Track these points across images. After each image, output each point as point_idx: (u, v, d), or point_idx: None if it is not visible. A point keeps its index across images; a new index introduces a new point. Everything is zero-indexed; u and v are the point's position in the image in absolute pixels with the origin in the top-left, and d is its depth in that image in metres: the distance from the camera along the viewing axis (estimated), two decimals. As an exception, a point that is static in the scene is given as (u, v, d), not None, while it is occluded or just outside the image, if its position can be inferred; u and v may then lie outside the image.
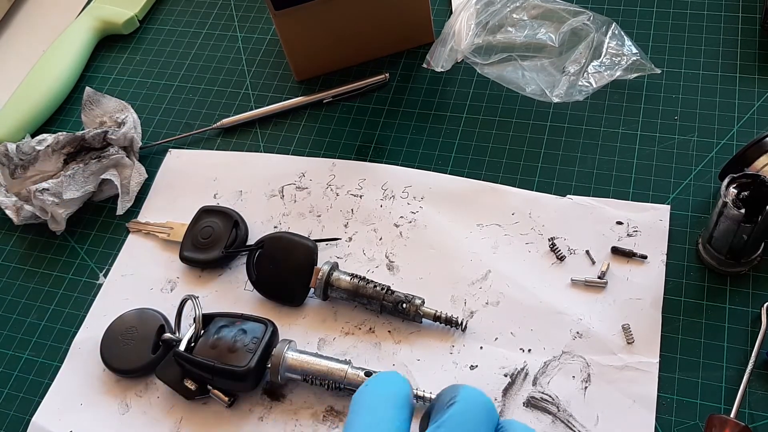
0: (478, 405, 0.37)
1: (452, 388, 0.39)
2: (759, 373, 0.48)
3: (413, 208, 0.59)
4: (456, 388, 0.38)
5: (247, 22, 0.75)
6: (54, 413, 0.54)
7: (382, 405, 0.38)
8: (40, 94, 0.71)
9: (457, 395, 0.38)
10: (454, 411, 0.37)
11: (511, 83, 0.61)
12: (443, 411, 0.37)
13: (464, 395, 0.37)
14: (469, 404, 0.37)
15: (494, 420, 0.37)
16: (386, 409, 0.38)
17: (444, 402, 0.38)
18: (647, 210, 0.55)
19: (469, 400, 0.37)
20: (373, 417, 0.38)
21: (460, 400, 0.37)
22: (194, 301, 0.53)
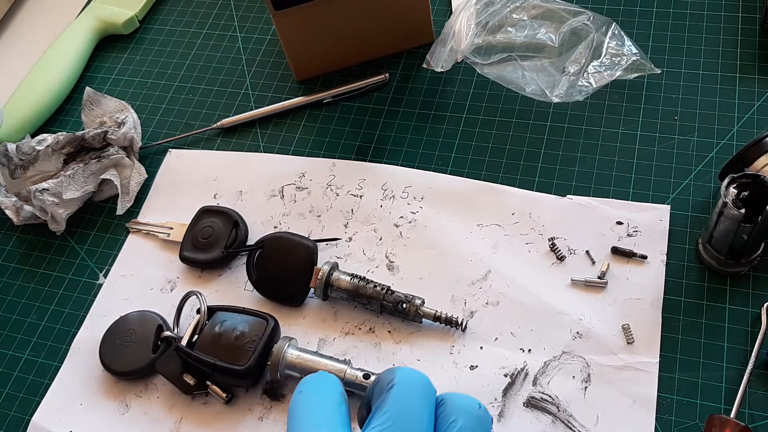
0: (417, 383, 0.39)
1: (388, 372, 0.40)
2: (759, 373, 0.48)
3: (413, 208, 0.59)
4: (392, 372, 0.40)
5: (247, 22, 0.75)
6: (54, 413, 0.54)
7: (319, 407, 0.39)
8: (40, 94, 0.71)
9: (394, 378, 0.39)
10: (394, 393, 0.38)
11: (511, 83, 0.61)
12: (384, 395, 0.38)
13: (401, 377, 0.39)
14: (408, 384, 0.39)
15: (432, 395, 0.39)
16: (324, 410, 0.39)
17: (383, 387, 0.39)
18: (647, 210, 0.55)
19: (407, 380, 0.39)
20: (313, 419, 0.39)
21: (399, 382, 0.39)
22: (199, 296, 0.54)
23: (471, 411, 0.39)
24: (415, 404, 0.38)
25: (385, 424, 0.37)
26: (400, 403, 0.38)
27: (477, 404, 0.39)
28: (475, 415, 0.39)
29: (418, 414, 0.38)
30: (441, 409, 0.39)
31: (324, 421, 0.39)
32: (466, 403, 0.39)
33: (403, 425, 0.37)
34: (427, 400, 0.38)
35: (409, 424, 0.37)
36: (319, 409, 0.39)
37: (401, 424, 0.37)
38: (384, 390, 0.39)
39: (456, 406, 0.39)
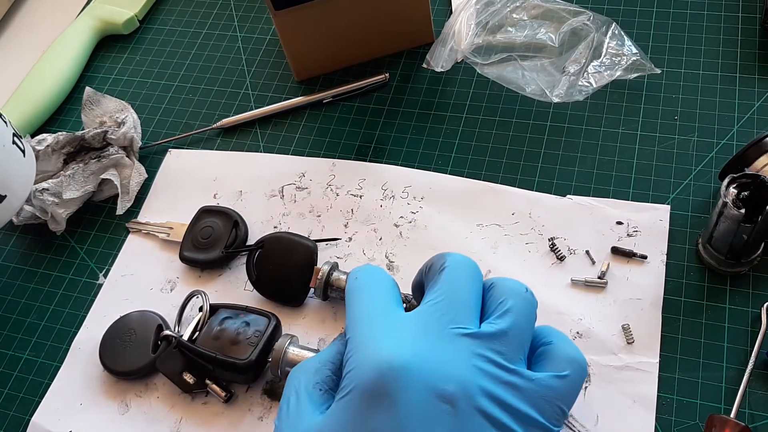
0: (467, 266, 0.43)
1: (439, 257, 0.44)
2: (759, 373, 0.48)
3: (413, 208, 0.59)
4: (443, 256, 0.43)
5: (247, 22, 0.75)
6: (54, 413, 0.54)
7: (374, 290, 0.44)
8: (40, 94, 0.71)
9: (445, 261, 0.43)
10: (446, 273, 0.42)
11: (511, 83, 0.61)
12: (437, 276, 0.42)
13: (452, 260, 0.43)
14: (459, 267, 0.42)
15: (480, 277, 0.43)
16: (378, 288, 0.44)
17: (436, 269, 0.43)
18: (647, 210, 0.55)
19: (457, 263, 0.42)
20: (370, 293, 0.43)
21: (450, 264, 0.42)
22: (202, 296, 0.54)
23: (519, 293, 0.42)
24: (464, 283, 0.41)
25: (438, 298, 0.40)
26: (451, 282, 0.41)
27: (524, 288, 0.42)
28: (523, 297, 0.41)
29: (467, 292, 0.41)
30: (491, 291, 0.42)
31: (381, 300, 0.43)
32: (514, 286, 0.42)
33: (454, 300, 0.40)
34: (475, 281, 0.42)
35: (459, 299, 0.40)
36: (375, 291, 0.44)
37: (452, 299, 0.40)
38: (437, 271, 0.42)
39: (505, 288, 0.42)
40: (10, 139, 0.56)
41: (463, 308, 0.40)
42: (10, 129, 0.57)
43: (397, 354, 0.38)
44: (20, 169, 0.57)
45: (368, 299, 0.43)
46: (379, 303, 0.43)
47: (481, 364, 0.38)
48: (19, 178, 0.57)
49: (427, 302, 0.41)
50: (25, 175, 0.58)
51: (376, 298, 0.43)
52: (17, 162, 0.57)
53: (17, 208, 0.58)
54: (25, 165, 0.58)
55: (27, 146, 0.59)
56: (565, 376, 0.40)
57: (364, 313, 0.42)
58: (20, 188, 0.58)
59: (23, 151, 0.58)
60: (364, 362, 0.38)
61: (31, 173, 0.59)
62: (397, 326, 0.40)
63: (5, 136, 0.56)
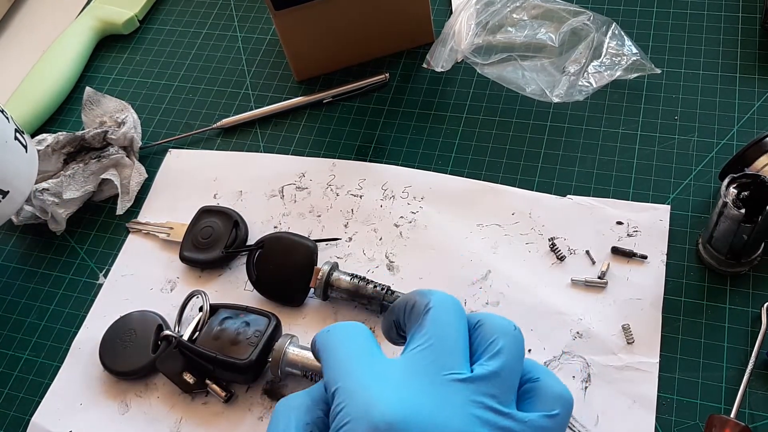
0: (452, 305, 0.41)
1: (420, 296, 0.42)
2: (759, 373, 0.48)
3: (413, 208, 0.59)
4: (425, 295, 0.41)
5: (247, 22, 0.75)
6: (54, 413, 0.54)
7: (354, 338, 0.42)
8: (40, 94, 0.71)
9: (429, 301, 0.41)
10: (432, 315, 0.40)
11: (511, 83, 0.61)
12: (421, 319, 0.41)
13: (436, 300, 0.41)
14: (444, 306, 0.41)
15: (465, 316, 0.41)
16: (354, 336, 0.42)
17: (419, 311, 0.41)
18: (647, 210, 0.55)
19: (442, 302, 0.41)
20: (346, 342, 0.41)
21: (434, 305, 0.41)
22: (202, 296, 0.54)
23: (508, 332, 0.40)
24: (452, 325, 0.40)
25: (426, 343, 0.39)
26: (438, 324, 0.40)
27: (512, 325, 0.41)
28: (512, 336, 0.40)
29: (456, 334, 0.40)
30: (479, 330, 0.41)
31: (363, 347, 0.41)
32: (503, 324, 0.41)
33: (444, 344, 0.39)
34: (461, 320, 0.41)
35: (448, 343, 0.39)
36: (354, 338, 0.42)
37: (442, 343, 0.39)
38: (421, 313, 0.41)
39: (494, 327, 0.40)
40: (12, 135, 0.56)
41: (453, 352, 0.39)
42: (12, 125, 0.57)
43: (394, 409, 0.36)
44: (22, 165, 0.57)
45: (349, 347, 0.41)
46: (361, 350, 0.41)
47: (476, 412, 0.37)
48: (22, 174, 0.57)
49: (414, 348, 0.40)
50: (28, 172, 0.58)
51: (357, 345, 0.41)
52: (19, 158, 0.57)
53: (20, 204, 0.58)
54: (28, 161, 0.58)
55: (29, 142, 0.59)
56: (555, 415, 0.39)
57: (348, 361, 0.40)
58: (23, 184, 0.58)
59: (25, 147, 0.58)
60: (360, 418, 0.37)
61: (34, 169, 0.59)
62: (387, 375, 0.39)
63: (7, 132, 0.56)
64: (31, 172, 0.59)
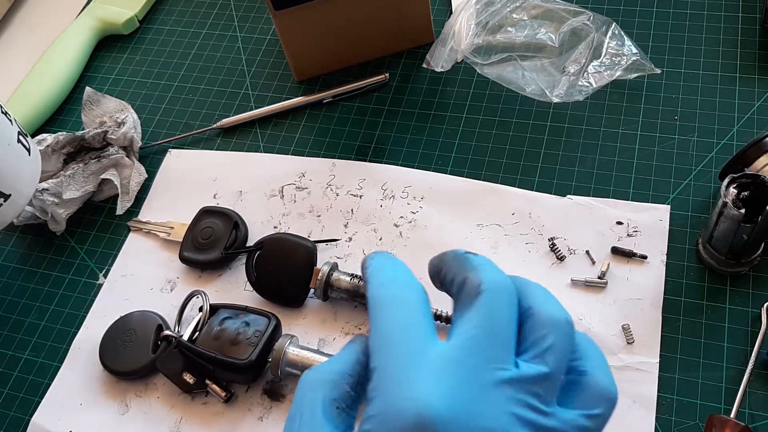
0: (506, 292, 0.37)
1: (472, 270, 0.38)
2: (759, 373, 0.48)
3: (413, 208, 0.59)
4: (477, 271, 0.37)
5: (247, 22, 0.75)
6: (54, 413, 0.54)
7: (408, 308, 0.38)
8: (40, 94, 0.71)
9: (482, 283, 0.37)
10: (484, 302, 0.36)
11: (511, 83, 0.61)
12: (472, 301, 0.37)
13: (490, 283, 0.37)
14: (499, 293, 0.37)
15: (517, 302, 0.37)
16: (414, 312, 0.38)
17: (470, 290, 0.37)
18: (647, 210, 0.55)
19: (496, 287, 0.37)
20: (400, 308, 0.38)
21: (488, 289, 0.37)
22: (202, 296, 0.54)
23: (561, 326, 0.37)
24: (505, 314, 0.37)
25: (474, 330, 0.36)
26: (491, 312, 0.36)
27: (565, 318, 0.37)
28: (564, 331, 0.37)
29: (508, 325, 0.36)
30: (529, 321, 0.37)
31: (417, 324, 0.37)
32: (555, 316, 0.37)
33: (494, 335, 0.36)
34: (514, 308, 0.37)
35: (499, 335, 0.36)
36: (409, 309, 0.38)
37: (492, 334, 0.36)
38: (472, 294, 0.37)
39: (546, 320, 0.37)
40: (15, 137, 0.56)
41: (504, 345, 0.36)
42: (15, 127, 0.57)
43: (432, 405, 0.34)
44: (25, 167, 0.57)
45: (399, 319, 0.38)
46: (412, 327, 0.38)
47: (518, 411, 0.35)
48: (25, 177, 0.57)
49: (462, 333, 0.37)
50: (30, 174, 0.58)
51: (409, 318, 0.38)
52: (22, 161, 0.57)
53: (22, 206, 0.58)
54: (30, 163, 0.58)
55: (32, 145, 0.59)
56: (598, 415, 0.37)
57: (395, 338, 0.37)
58: (25, 187, 0.58)
59: (28, 150, 0.58)
60: (394, 409, 0.35)
61: (36, 172, 0.59)
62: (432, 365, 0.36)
63: (10, 134, 0.56)
64: (34, 176, 0.59)
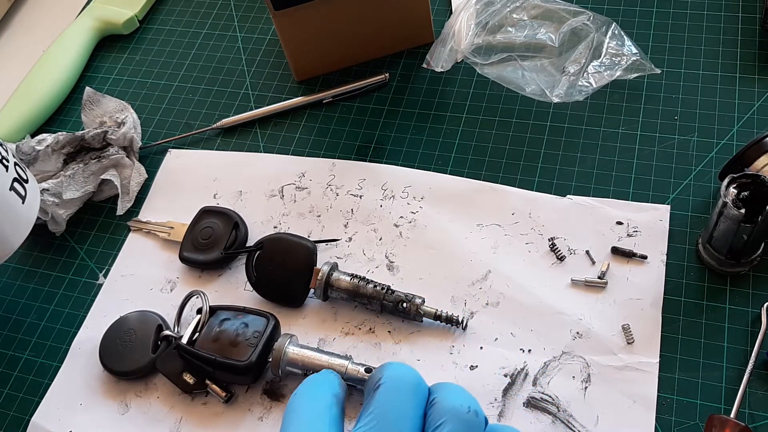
0: (403, 382, 0.38)
1: (377, 370, 0.39)
2: (759, 373, 0.48)
3: (413, 208, 0.59)
4: (381, 370, 0.39)
5: (247, 22, 0.75)
6: (54, 413, 0.54)
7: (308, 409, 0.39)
8: (40, 94, 0.71)
9: (381, 377, 0.38)
10: (380, 393, 0.37)
11: (511, 83, 0.61)
12: (371, 395, 0.38)
13: (388, 375, 0.38)
14: (395, 383, 0.38)
15: (422, 393, 0.38)
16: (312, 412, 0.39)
17: (371, 387, 0.38)
18: (647, 210, 0.55)
19: (394, 379, 0.38)
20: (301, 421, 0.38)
21: (386, 381, 0.38)
22: (201, 296, 0.54)
23: (459, 414, 0.37)
24: (400, 405, 0.37)
25: (369, 425, 0.36)
26: (386, 404, 0.37)
27: (466, 407, 0.37)
28: (463, 420, 0.37)
29: (404, 415, 0.37)
30: (431, 409, 0.38)
31: (311, 423, 0.38)
32: (454, 404, 0.37)
33: (387, 425, 0.36)
34: (414, 400, 0.37)
35: (393, 425, 0.36)
36: (309, 411, 0.39)
37: (386, 425, 0.36)
38: (372, 390, 0.38)
39: (444, 408, 0.37)
40: (8, 185, 0.53)
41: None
42: (11, 174, 0.54)
43: None
44: (14, 218, 0.54)
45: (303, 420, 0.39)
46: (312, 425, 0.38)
47: None
48: (11, 227, 0.54)
49: (358, 427, 0.37)
50: (20, 224, 0.55)
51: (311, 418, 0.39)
52: (12, 210, 0.54)
53: (7, 255, 0.55)
54: (23, 212, 0.55)
55: (31, 191, 0.56)
56: None
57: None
58: (12, 237, 0.55)
59: (23, 196, 0.55)
60: None
61: (30, 220, 0.56)
62: None
63: (2, 182, 0.53)
64: (26, 224, 0.55)
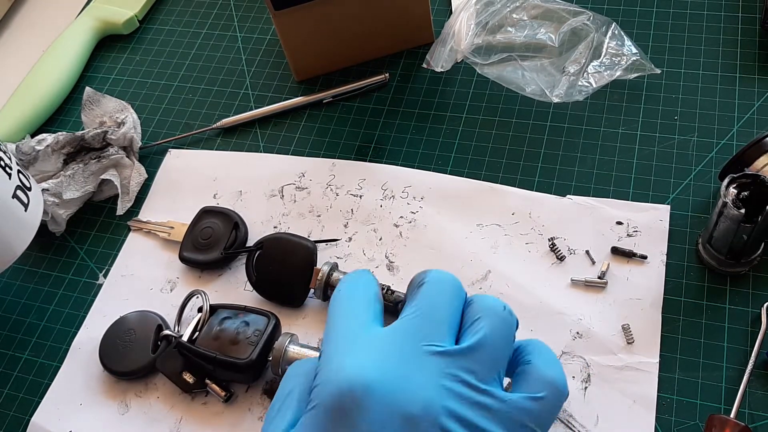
0: (446, 283, 0.41)
1: (421, 273, 0.42)
2: (759, 373, 0.48)
3: (413, 208, 0.59)
4: (424, 272, 0.42)
5: (247, 22, 0.75)
6: (53, 413, 0.54)
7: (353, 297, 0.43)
8: (40, 94, 0.71)
9: (425, 277, 0.42)
10: (424, 289, 0.41)
11: (511, 83, 0.61)
12: (415, 292, 0.41)
13: (432, 276, 0.41)
14: (438, 283, 0.41)
15: (461, 295, 0.41)
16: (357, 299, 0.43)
17: (414, 285, 0.42)
18: (647, 210, 0.55)
19: (437, 279, 0.41)
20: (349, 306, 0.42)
21: (429, 281, 0.41)
22: (202, 295, 0.54)
23: (496, 311, 0.40)
24: (442, 299, 0.40)
25: (413, 314, 0.39)
26: (429, 297, 0.40)
27: (502, 305, 0.40)
28: (499, 316, 0.40)
29: (445, 308, 0.40)
30: (468, 309, 0.40)
31: (358, 314, 0.41)
32: (492, 303, 0.40)
33: (430, 316, 0.39)
34: (454, 297, 0.41)
35: (435, 315, 0.39)
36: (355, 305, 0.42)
37: (428, 315, 0.39)
38: (416, 286, 0.41)
39: (482, 306, 0.40)
40: (11, 192, 0.53)
41: (439, 325, 0.39)
42: (14, 182, 0.53)
43: (361, 373, 0.37)
44: (17, 225, 0.54)
45: (345, 312, 0.42)
46: (356, 317, 0.41)
47: (449, 384, 0.37)
48: (13, 236, 0.54)
49: (402, 317, 0.40)
50: (22, 232, 0.55)
51: (354, 311, 0.42)
52: (14, 219, 0.53)
53: (8, 264, 0.55)
54: (25, 219, 0.54)
55: (34, 198, 0.55)
56: (541, 398, 0.38)
57: (338, 327, 0.41)
58: (13, 246, 0.54)
59: (26, 204, 0.54)
60: (328, 380, 0.37)
61: (33, 227, 0.55)
62: (367, 343, 0.39)
63: (5, 190, 0.52)
64: (28, 232, 0.55)
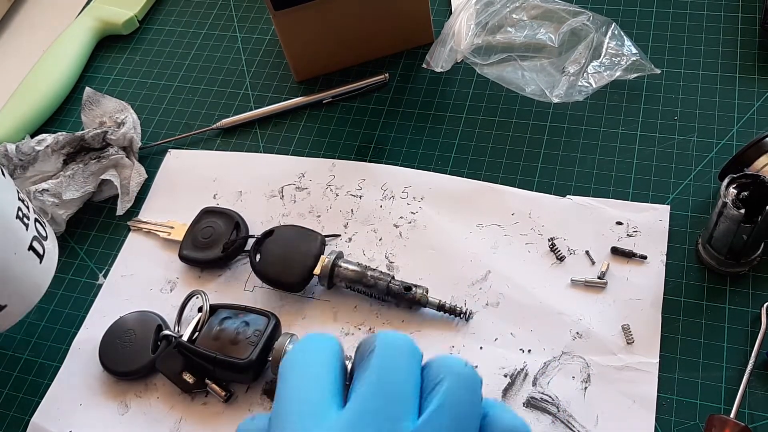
0: (399, 348, 0.36)
1: (368, 338, 0.37)
2: (759, 373, 0.48)
3: (413, 209, 0.59)
4: (373, 336, 0.37)
5: (247, 22, 0.75)
6: (53, 414, 0.54)
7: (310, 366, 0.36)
8: (39, 94, 0.71)
9: (375, 342, 0.36)
10: (376, 361, 0.35)
11: (511, 83, 0.61)
12: (365, 362, 0.36)
13: (381, 341, 0.36)
14: (390, 349, 0.36)
15: (418, 357, 0.36)
16: (314, 368, 0.36)
17: (365, 352, 0.36)
18: (647, 210, 0.55)
19: (388, 344, 0.36)
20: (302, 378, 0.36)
21: (379, 346, 0.36)
22: (202, 295, 0.54)
23: (457, 370, 0.35)
24: (399, 368, 0.35)
25: (371, 393, 0.34)
26: (384, 370, 0.35)
27: (463, 363, 0.36)
28: (462, 374, 0.35)
29: (403, 379, 0.35)
30: (426, 371, 0.36)
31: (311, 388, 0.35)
32: (451, 361, 0.36)
33: (390, 394, 0.34)
34: (411, 363, 0.36)
35: (395, 392, 0.34)
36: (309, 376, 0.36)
37: (388, 394, 0.34)
38: (365, 355, 0.36)
39: (441, 365, 0.36)
40: (27, 244, 0.51)
41: (402, 402, 0.34)
42: (31, 232, 0.52)
43: None
44: (30, 278, 0.52)
45: (300, 383, 0.36)
46: (311, 390, 0.35)
47: None
48: (27, 288, 0.52)
49: (357, 394, 0.35)
50: (36, 284, 0.53)
51: (310, 382, 0.36)
52: (29, 270, 0.52)
53: (19, 316, 0.53)
54: (39, 273, 0.53)
55: (50, 248, 0.54)
56: None
57: (292, 404, 0.35)
58: (26, 298, 0.53)
59: (42, 255, 0.53)
60: None
61: (48, 278, 0.54)
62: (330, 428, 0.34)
63: (22, 241, 0.51)
64: (41, 284, 0.53)
